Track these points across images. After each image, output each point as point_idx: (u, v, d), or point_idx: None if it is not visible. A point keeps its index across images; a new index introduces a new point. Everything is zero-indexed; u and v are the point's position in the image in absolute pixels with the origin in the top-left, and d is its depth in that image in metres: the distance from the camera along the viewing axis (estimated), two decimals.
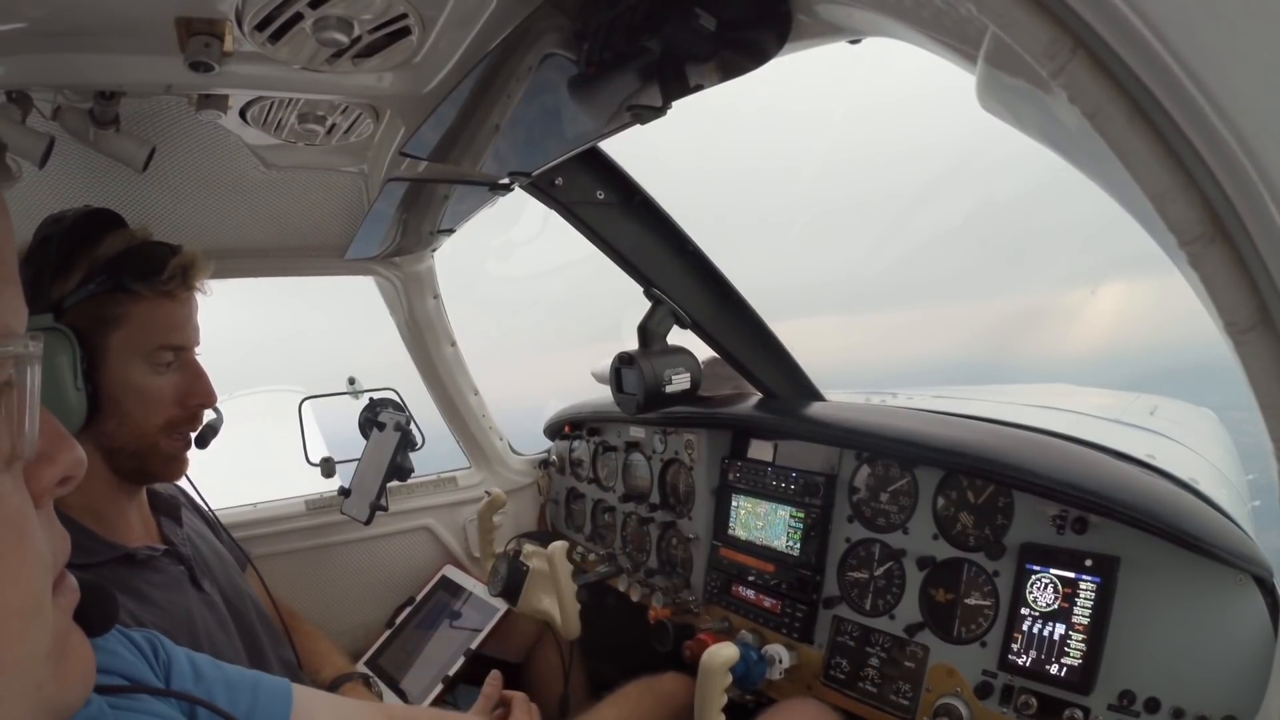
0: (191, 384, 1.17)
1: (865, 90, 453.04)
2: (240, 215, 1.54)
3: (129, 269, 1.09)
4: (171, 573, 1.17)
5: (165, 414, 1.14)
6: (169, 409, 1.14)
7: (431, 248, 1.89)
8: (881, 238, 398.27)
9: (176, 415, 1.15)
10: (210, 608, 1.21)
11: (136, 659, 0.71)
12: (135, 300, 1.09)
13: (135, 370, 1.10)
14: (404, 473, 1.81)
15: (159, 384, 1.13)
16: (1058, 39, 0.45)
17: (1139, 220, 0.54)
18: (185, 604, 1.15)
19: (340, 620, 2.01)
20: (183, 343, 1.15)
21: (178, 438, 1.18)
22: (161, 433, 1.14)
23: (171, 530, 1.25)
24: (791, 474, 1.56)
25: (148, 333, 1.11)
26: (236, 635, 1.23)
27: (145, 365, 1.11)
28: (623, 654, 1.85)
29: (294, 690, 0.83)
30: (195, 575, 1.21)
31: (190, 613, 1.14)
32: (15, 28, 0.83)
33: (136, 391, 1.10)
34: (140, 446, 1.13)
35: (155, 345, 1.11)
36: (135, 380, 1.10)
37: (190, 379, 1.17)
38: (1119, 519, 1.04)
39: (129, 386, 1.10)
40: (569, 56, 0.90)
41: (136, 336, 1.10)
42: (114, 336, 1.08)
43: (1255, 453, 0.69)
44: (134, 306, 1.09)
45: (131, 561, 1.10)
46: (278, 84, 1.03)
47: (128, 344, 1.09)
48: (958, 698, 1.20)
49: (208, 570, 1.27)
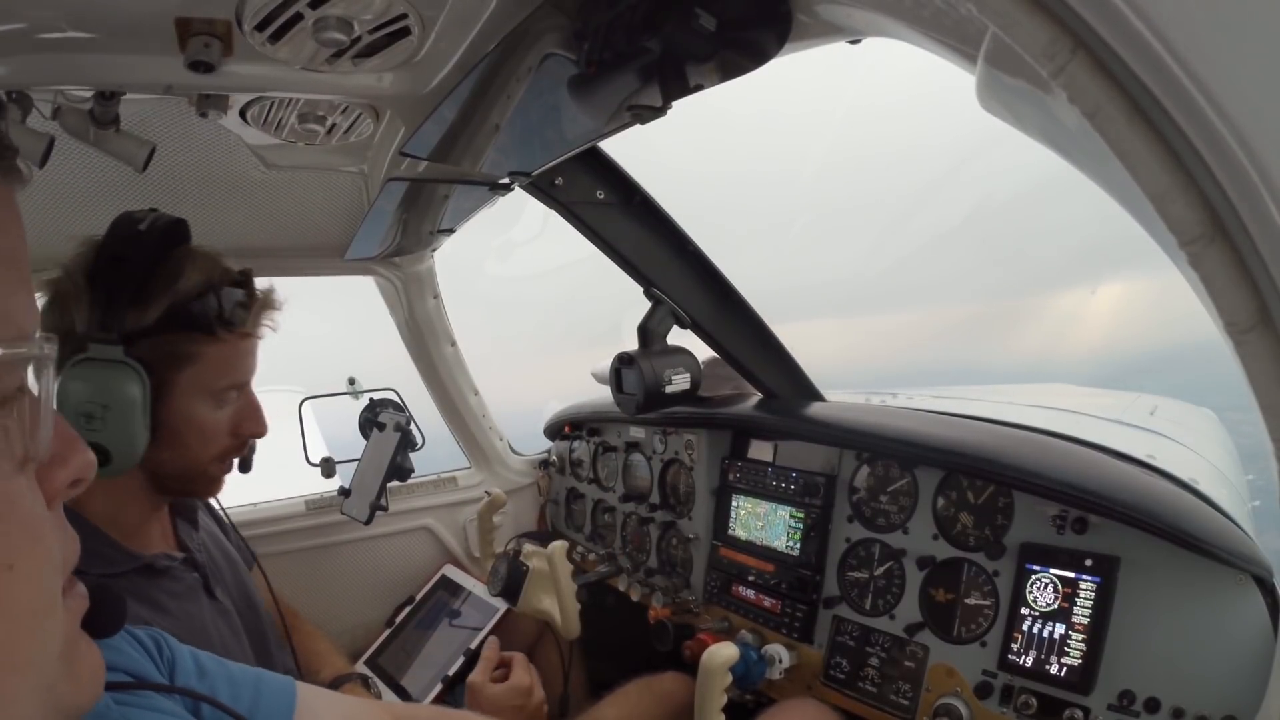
0: (248, 416, 1.17)
1: (865, 91, 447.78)
2: (240, 215, 1.54)
3: (212, 313, 1.07)
4: (187, 581, 1.17)
5: (220, 445, 1.14)
6: (224, 440, 1.14)
7: (431, 248, 1.89)
8: (880, 240, 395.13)
9: (230, 445, 1.16)
10: (223, 615, 1.20)
11: (141, 656, 0.71)
12: (211, 341, 1.08)
13: (199, 406, 1.10)
14: (404, 473, 1.81)
15: (219, 418, 1.13)
16: (1058, 39, 0.45)
17: (1139, 220, 0.54)
18: (200, 614, 1.15)
19: (340, 620, 2.01)
20: (246, 380, 1.16)
21: (226, 464, 1.19)
22: (214, 462, 1.15)
23: (188, 535, 1.25)
24: (791, 474, 1.56)
25: (218, 372, 1.10)
26: (247, 642, 1.23)
27: (210, 402, 1.11)
28: (623, 654, 1.85)
29: (297, 687, 0.83)
30: (209, 583, 1.21)
31: (205, 623, 1.14)
32: (15, 28, 0.83)
33: (197, 426, 1.10)
34: (193, 475, 1.14)
35: (225, 385, 1.11)
36: (197, 415, 1.10)
37: (247, 411, 1.17)
38: (1119, 519, 1.04)
39: (190, 421, 1.09)
40: (569, 56, 0.90)
41: (206, 375, 1.09)
42: (184, 374, 1.07)
43: (1255, 453, 0.69)
44: (208, 347, 1.08)
45: (150, 571, 1.09)
46: (278, 84, 1.03)
47: (196, 382, 1.08)
48: (958, 698, 1.20)
49: (220, 577, 1.26)
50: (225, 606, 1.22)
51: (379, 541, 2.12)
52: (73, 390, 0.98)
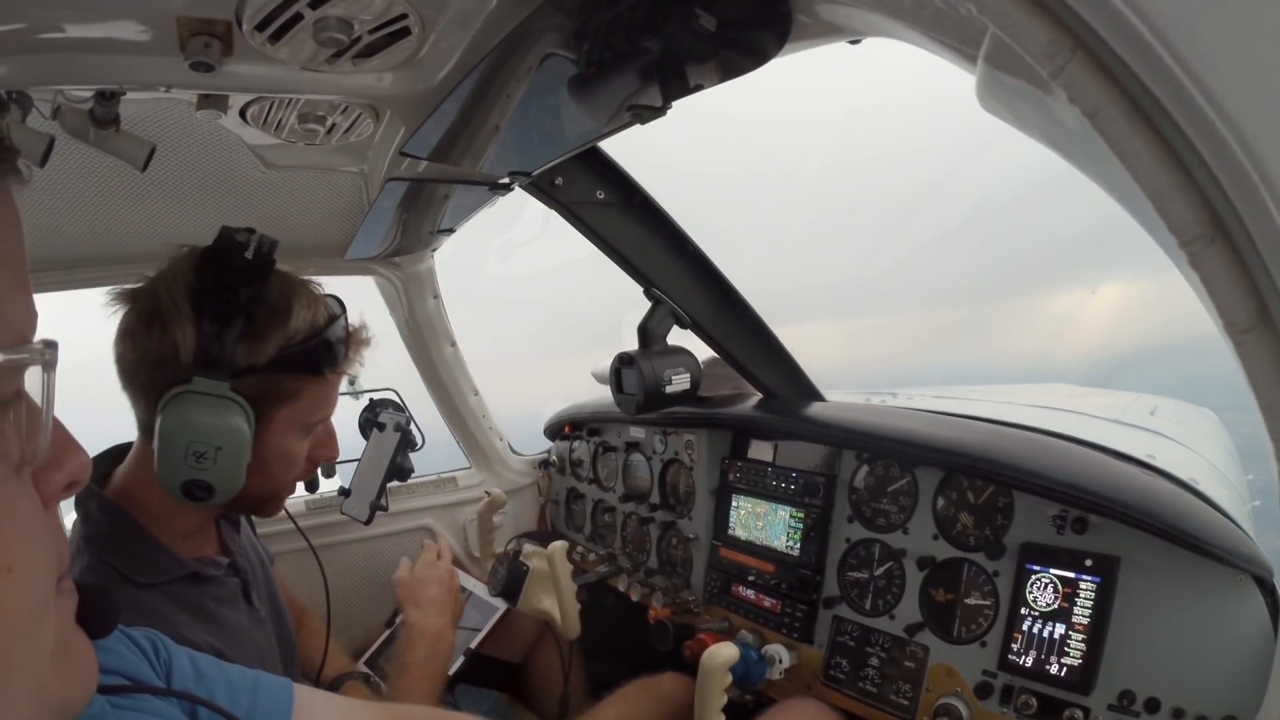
0: (325, 443, 1.21)
1: (865, 91, 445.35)
2: (240, 215, 1.53)
3: (321, 355, 1.09)
4: (229, 587, 1.16)
5: (299, 469, 1.17)
6: (301, 464, 1.17)
7: (431, 248, 1.89)
8: (879, 240, 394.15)
9: (305, 471, 1.20)
10: (259, 624, 1.20)
11: (138, 658, 0.71)
12: (314, 380, 1.10)
13: (293, 440, 1.12)
14: (404, 473, 1.81)
15: (303, 448, 1.16)
16: (1058, 39, 0.45)
17: (1139, 220, 0.54)
18: (239, 622, 1.13)
19: (340, 620, 2.01)
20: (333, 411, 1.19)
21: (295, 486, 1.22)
22: (291, 484, 1.19)
23: (230, 538, 1.24)
24: (791, 474, 1.56)
25: (315, 408, 1.13)
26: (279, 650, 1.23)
27: (302, 434, 1.14)
28: (623, 654, 1.85)
29: (295, 690, 0.83)
30: (248, 589, 1.20)
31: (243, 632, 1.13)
32: (15, 28, 0.83)
33: (286, 457, 1.13)
34: (269, 497, 1.17)
35: (318, 419, 1.15)
36: (289, 448, 1.12)
37: (325, 438, 1.21)
38: (1119, 519, 1.04)
39: (281, 452, 1.11)
40: (569, 56, 0.90)
41: (305, 411, 1.11)
42: (284, 409, 1.08)
43: (1255, 453, 0.69)
44: (309, 384, 1.10)
45: (197, 579, 1.08)
46: (278, 84, 1.03)
47: (294, 417, 1.10)
48: (958, 698, 1.20)
49: (256, 583, 1.25)
50: (260, 614, 1.22)
51: (379, 541, 2.12)
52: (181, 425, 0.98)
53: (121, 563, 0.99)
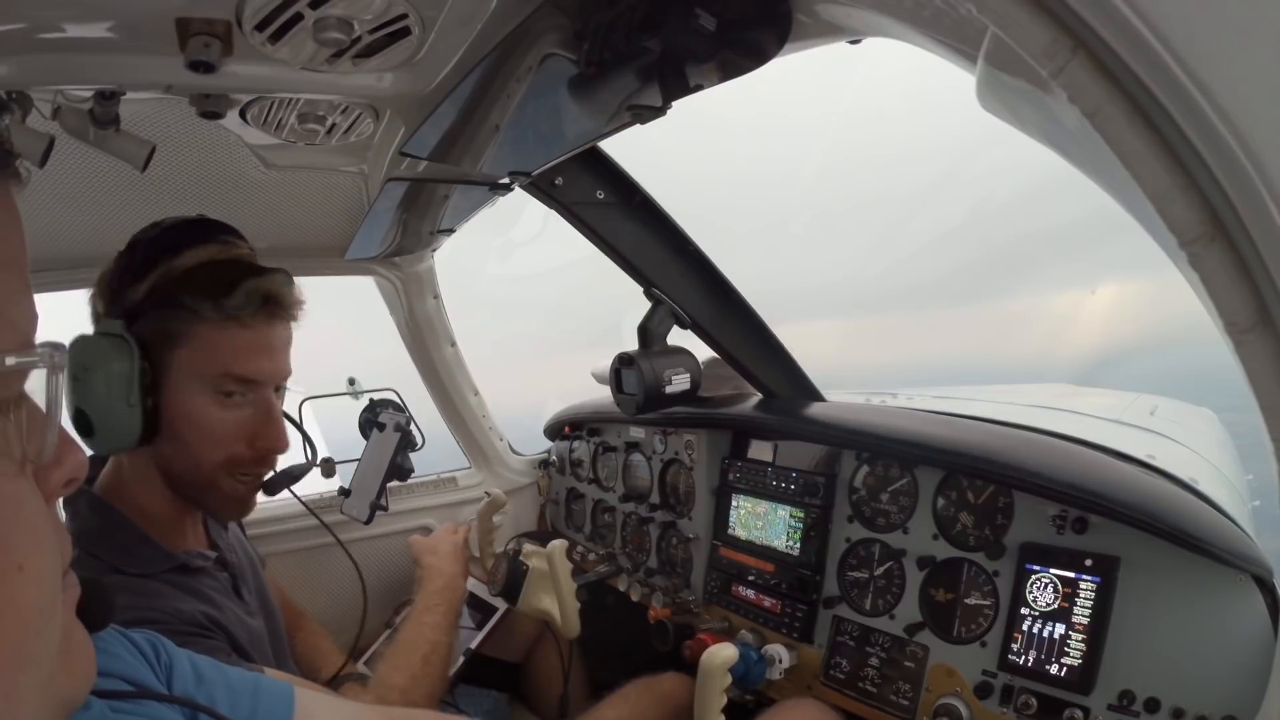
0: (261, 425, 1.08)
1: (865, 90, 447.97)
2: (240, 215, 1.53)
3: (194, 286, 1.01)
4: (220, 580, 1.16)
5: (227, 450, 1.07)
6: (232, 446, 1.07)
7: (431, 248, 1.89)
8: (879, 240, 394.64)
9: (241, 454, 1.08)
10: (250, 617, 1.20)
11: (138, 661, 0.71)
12: (199, 321, 1.02)
13: (196, 397, 1.04)
14: (404, 473, 1.81)
15: (222, 417, 1.05)
16: (1058, 39, 0.46)
17: (1139, 220, 0.54)
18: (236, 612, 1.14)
19: (340, 619, 2.01)
20: (252, 375, 1.06)
21: (243, 479, 1.11)
22: (221, 470, 1.08)
23: (218, 534, 1.24)
24: (791, 474, 1.56)
25: (210, 357, 1.03)
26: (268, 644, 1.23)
27: (208, 393, 1.04)
28: (623, 654, 1.85)
29: (295, 692, 0.83)
30: (237, 584, 1.20)
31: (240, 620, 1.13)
32: (15, 28, 0.83)
33: (194, 420, 1.04)
34: (197, 479, 1.08)
35: (217, 372, 1.04)
36: (194, 407, 1.04)
37: (261, 418, 1.08)
38: (1119, 519, 1.04)
39: (186, 412, 1.03)
40: (569, 56, 0.90)
41: (198, 360, 1.03)
42: (177, 355, 1.02)
43: (1255, 453, 0.69)
44: (198, 327, 1.02)
45: (186, 570, 1.08)
46: (278, 84, 1.03)
47: (189, 366, 1.03)
48: (958, 698, 1.20)
49: (245, 579, 1.26)
50: (252, 609, 1.22)
51: (379, 541, 2.12)
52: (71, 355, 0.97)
53: (110, 555, 0.99)
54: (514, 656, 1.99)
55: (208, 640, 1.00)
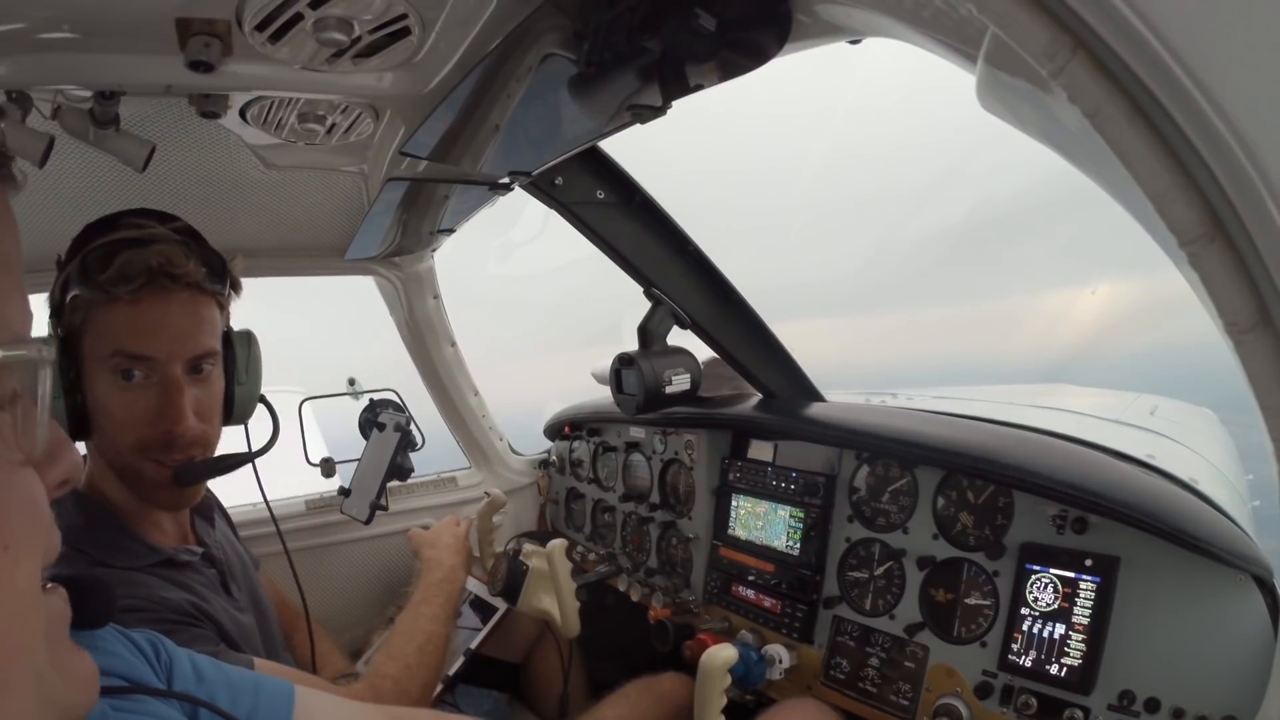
0: (161, 404, 1.02)
1: (865, 90, 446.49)
2: (240, 215, 1.55)
3: (83, 271, 0.99)
4: (207, 575, 1.16)
5: (136, 433, 1.02)
6: (140, 428, 1.02)
7: (431, 248, 1.89)
8: (879, 239, 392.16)
9: (148, 437, 1.03)
10: (239, 613, 1.20)
11: (138, 660, 0.71)
12: (90, 305, 0.99)
13: (100, 381, 1.01)
14: (404, 473, 1.81)
15: (126, 399, 1.01)
16: (1058, 39, 0.46)
17: (1139, 220, 0.54)
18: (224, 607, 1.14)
19: (340, 619, 2.01)
20: (145, 351, 1.01)
21: (161, 464, 1.05)
22: (135, 454, 1.04)
23: (205, 531, 1.24)
24: (791, 474, 1.56)
25: (103, 339, 1.00)
26: (259, 642, 1.23)
27: (107, 375, 1.01)
28: (623, 654, 1.85)
29: (296, 691, 0.83)
30: (226, 580, 1.20)
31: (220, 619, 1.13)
32: (15, 28, 0.83)
33: (101, 405, 1.02)
34: (123, 467, 1.05)
35: (108, 352, 1.00)
36: (100, 392, 1.01)
37: (161, 398, 1.02)
38: (1119, 519, 1.04)
39: (96, 399, 1.02)
40: (569, 56, 0.91)
41: (97, 344, 1.00)
42: (85, 343, 1.00)
43: (1256, 453, 0.69)
44: (92, 311, 1.00)
45: (172, 564, 1.09)
46: (278, 84, 1.03)
47: (91, 352, 1.01)
48: (958, 698, 1.20)
49: (234, 575, 1.26)
50: (241, 604, 1.22)
51: (379, 541, 2.12)
52: None
53: (96, 550, 1.00)
54: (514, 656, 1.99)
55: (195, 629, 1.01)
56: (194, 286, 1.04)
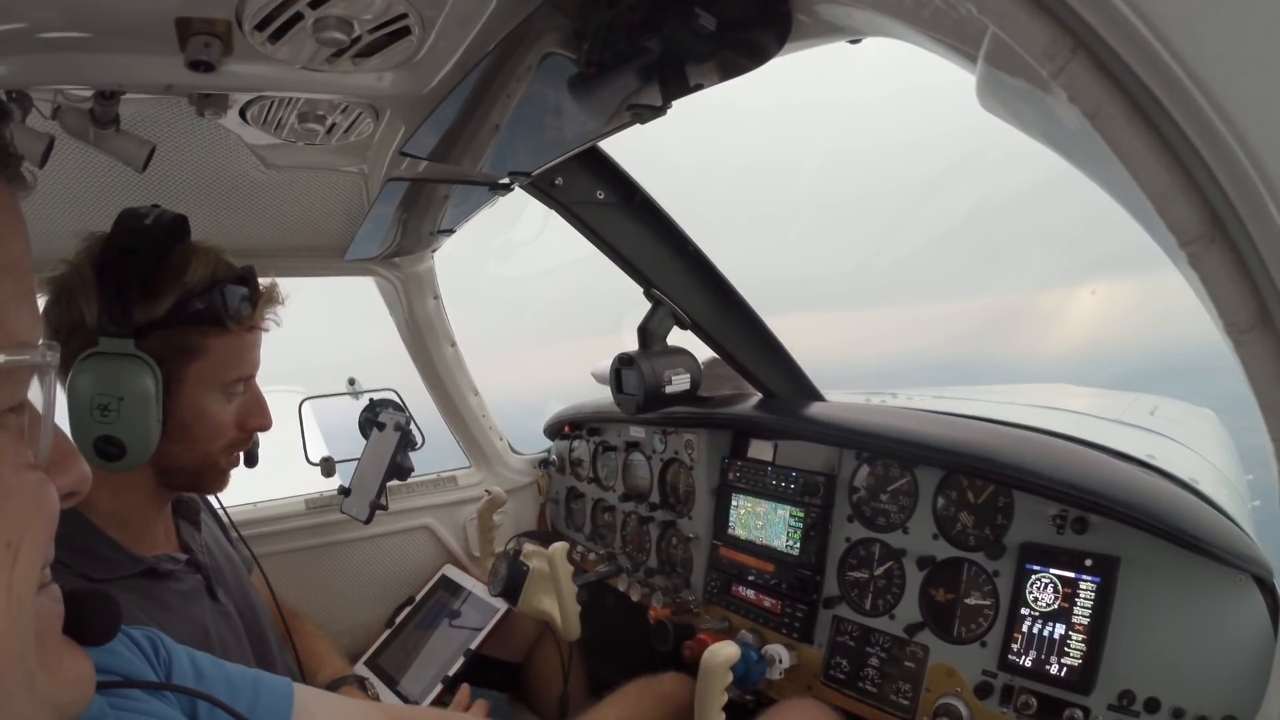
0: (254, 409, 1.19)
1: (867, 88, 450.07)
2: (240, 215, 1.54)
3: (221, 305, 1.08)
4: (190, 583, 1.17)
5: (228, 437, 1.16)
6: (230, 432, 1.16)
7: (431, 248, 1.89)
8: (882, 234, 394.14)
9: (237, 438, 1.18)
10: (225, 618, 1.20)
11: (137, 658, 0.71)
12: (219, 334, 1.09)
13: (209, 399, 1.12)
14: (404, 472, 1.81)
15: (227, 411, 1.15)
16: (1058, 39, 0.45)
17: (1139, 220, 0.54)
18: (201, 617, 1.15)
19: (340, 619, 2.01)
20: (254, 372, 1.18)
21: (233, 457, 1.21)
22: (222, 454, 1.17)
23: (190, 536, 1.25)
24: (791, 474, 1.56)
25: (227, 365, 1.12)
26: (248, 644, 1.23)
27: (219, 395, 1.13)
28: (623, 654, 1.85)
29: (295, 689, 0.83)
30: (211, 585, 1.21)
31: (206, 626, 1.14)
32: (15, 28, 0.83)
33: (207, 419, 1.12)
34: (201, 467, 1.16)
35: (233, 378, 1.13)
36: (207, 408, 1.12)
37: (253, 404, 1.19)
38: (1119, 519, 1.04)
39: (200, 414, 1.11)
40: (569, 56, 0.91)
41: (216, 368, 1.11)
42: (193, 367, 1.09)
43: (1256, 453, 0.69)
44: (216, 340, 1.10)
45: (154, 574, 1.09)
46: (278, 83, 1.03)
47: (206, 374, 1.10)
48: (958, 698, 1.20)
49: (222, 579, 1.26)
50: (227, 609, 1.22)
51: (379, 541, 2.12)
52: (86, 384, 1.00)
53: (76, 561, 0.99)
54: (514, 656, 1.99)
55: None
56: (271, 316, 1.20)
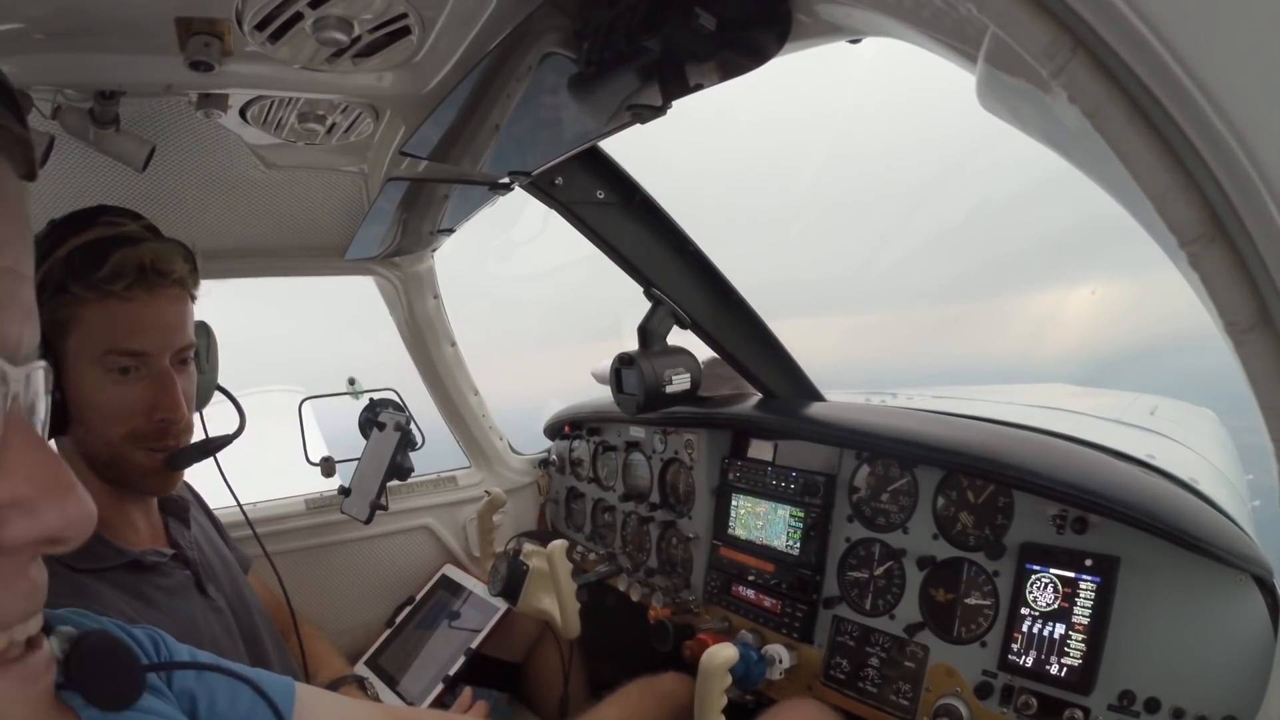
0: (158, 395, 1.07)
1: (866, 88, 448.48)
2: (240, 215, 1.54)
3: (70, 269, 1.00)
4: (177, 577, 1.16)
5: (128, 425, 1.06)
6: (133, 420, 1.06)
7: (431, 248, 1.89)
8: (881, 238, 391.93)
9: (142, 427, 1.07)
10: (216, 614, 1.20)
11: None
12: (81, 303, 1.01)
13: (89, 377, 1.03)
14: (404, 472, 1.81)
15: (119, 393, 1.05)
16: (1058, 39, 0.45)
17: (1139, 220, 0.54)
18: (190, 611, 1.14)
19: (340, 619, 2.01)
20: (139, 348, 1.05)
21: (152, 452, 1.09)
22: (127, 444, 1.07)
23: (179, 533, 1.24)
24: (791, 474, 1.56)
25: (95, 337, 1.02)
26: (241, 642, 1.23)
27: (98, 371, 1.03)
28: (623, 654, 1.85)
29: (297, 688, 0.83)
30: (201, 580, 1.20)
31: (195, 620, 1.14)
32: (15, 28, 0.83)
33: (91, 400, 1.04)
34: (112, 458, 1.07)
35: (102, 350, 1.03)
36: (89, 388, 1.03)
37: (156, 389, 1.07)
38: (1119, 519, 1.04)
39: (83, 394, 1.03)
40: (569, 56, 0.91)
41: (86, 341, 1.02)
42: (70, 341, 1.02)
43: (1256, 453, 0.69)
44: (81, 309, 1.01)
45: (139, 567, 1.08)
46: (278, 83, 1.04)
47: (80, 349, 1.02)
48: (958, 698, 1.20)
49: (213, 575, 1.26)
50: (218, 604, 1.22)
51: (379, 541, 2.12)
52: None
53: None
54: (514, 656, 1.99)
55: None
56: (178, 283, 1.08)
